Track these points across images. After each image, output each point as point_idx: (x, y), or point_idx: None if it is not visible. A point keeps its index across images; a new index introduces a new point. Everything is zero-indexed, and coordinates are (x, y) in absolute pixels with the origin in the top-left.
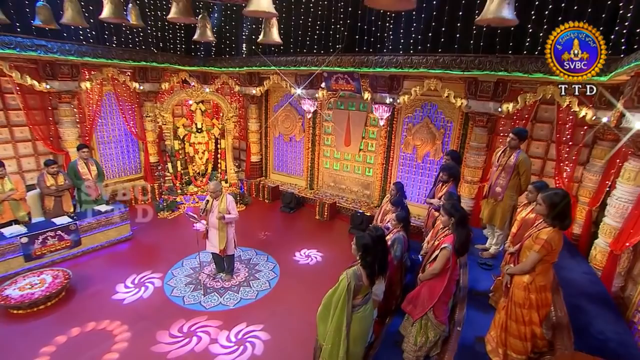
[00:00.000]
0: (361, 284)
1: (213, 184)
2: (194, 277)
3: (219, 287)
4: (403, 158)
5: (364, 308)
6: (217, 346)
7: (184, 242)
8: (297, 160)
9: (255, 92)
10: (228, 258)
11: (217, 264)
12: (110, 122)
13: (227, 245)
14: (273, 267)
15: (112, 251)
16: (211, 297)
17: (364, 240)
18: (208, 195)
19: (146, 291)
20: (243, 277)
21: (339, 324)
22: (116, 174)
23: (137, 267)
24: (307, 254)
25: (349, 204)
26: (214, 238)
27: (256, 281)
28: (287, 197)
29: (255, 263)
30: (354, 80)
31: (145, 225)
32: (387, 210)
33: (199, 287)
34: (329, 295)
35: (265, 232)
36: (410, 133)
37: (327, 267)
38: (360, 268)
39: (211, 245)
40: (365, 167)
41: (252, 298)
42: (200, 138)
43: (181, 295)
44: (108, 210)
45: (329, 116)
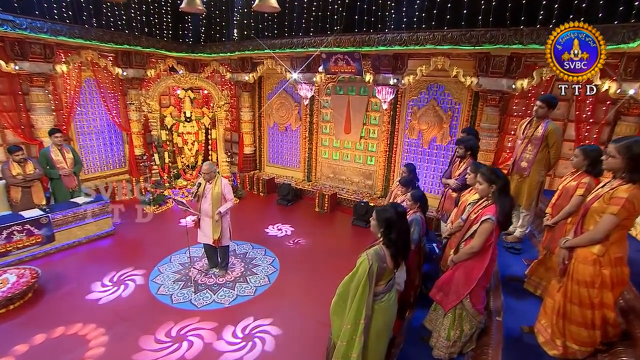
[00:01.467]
0: (385, 267)
1: (207, 164)
2: (183, 273)
3: (211, 283)
4: (408, 144)
5: (388, 296)
6: (222, 343)
7: (172, 237)
8: (294, 151)
9: (248, 79)
10: (222, 250)
11: (209, 258)
12: (91, 111)
13: (222, 234)
14: (272, 261)
15: (91, 248)
16: (203, 295)
17: (387, 213)
18: (200, 178)
19: (126, 289)
20: (239, 273)
21: (357, 316)
22: (98, 168)
23: (119, 264)
24: (307, 246)
25: (350, 196)
26: (207, 227)
27: (254, 276)
28: (283, 189)
29: (252, 257)
30: (354, 61)
31: (129, 220)
32: (397, 194)
33: (189, 284)
34: (346, 282)
35: (297, 239)
36: (416, 117)
37: (331, 260)
38: (383, 247)
39: (204, 236)
40: (367, 156)
41: (249, 295)
42: (189, 128)
43: (169, 294)
44: (86, 203)
45: (328, 102)
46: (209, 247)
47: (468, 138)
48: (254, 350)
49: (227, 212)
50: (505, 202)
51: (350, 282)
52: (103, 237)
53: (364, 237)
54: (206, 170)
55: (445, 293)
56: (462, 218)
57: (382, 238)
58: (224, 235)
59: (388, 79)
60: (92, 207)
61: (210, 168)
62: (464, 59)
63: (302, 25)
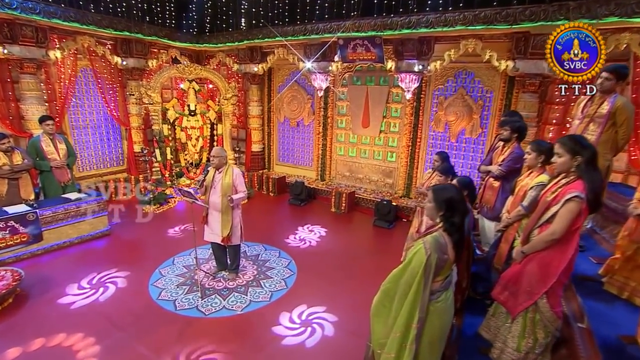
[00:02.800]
0: (446, 258)
1: (217, 149)
2: (188, 276)
3: (220, 288)
4: (433, 138)
5: (445, 295)
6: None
7: (175, 238)
8: (306, 148)
9: (257, 70)
10: (232, 251)
11: (217, 260)
12: (87, 103)
13: (232, 231)
14: (287, 263)
15: (84, 249)
16: (211, 301)
17: (448, 192)
18: (209, 166)
19: (105, 292)
20: (251, 276)
21: (409, 319)
22: (93, 165)
23: (113, 266)
24: (326, 248)
25: (369, 195)
26: (216, 223)
27: (268, 280)
28: (296, 188)
29: (265, 259)
30: (375, 47)
31: (127, 220)
32: (433, 183)
33: (194, 289)
34: (394, 277)
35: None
36: (442, 107)
37: (354, 263)
38: (444, 234)
39: (211, 233)
40: (387, 152)
41: (264, 300)
42: (193, 122)
43: (172, 299)
44: (80, 199)
45: (344, 94)
46: (217, 247)
47: (514, 119)
48: None
49: (239, 206)
50: (595, 177)
51: (400, 276)
52: (98, 237)
53: (387, 238)
54: (216, 154)
55: (513, 293)
56: (524, 205)
57: (442, 223)
58: (234, 232)
59: (412, 65)
60: (87, 203)
61: (221, 153)
62: (498, 41)
63: (316, 10)
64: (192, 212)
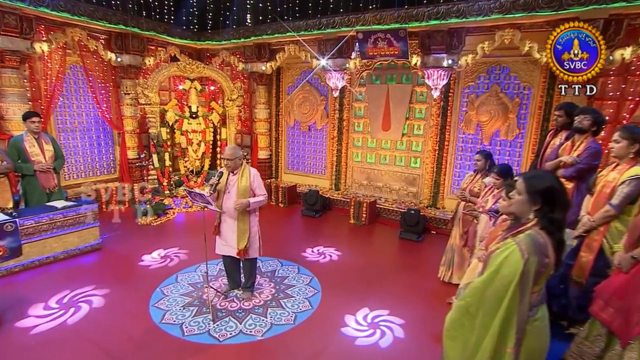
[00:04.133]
0: (547, 262)
1: (230, 147)
2: (195, 295)
3: (235, 309)
4: (463, 140)
5: (542, 311)
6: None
7: (177, 251)
8: (319, 154)
9: (265, 69)
10: (248, 265)
11: (230, 276)
12: (76, 103)
13: (250, 243)
14: (309, 280)
15: (70, 265)
16: (225, 324)
17: (546, 181)
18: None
19: (76, 313)
20: (269, 295)
21: (500, 341)
22: (82, 173)
23: (104, 284)
24: (350, 264)
25: (391, 205)
26: (230, 233)
27: (290, 300)
28: (310, 197)
29: (283, 276)
30: (398, 41)
31: (120, 233)
32: (480, 187)
33: (204, 310)
34: (476, 290)
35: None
36: (473, 107)
37: (384, 280)
38: (542, 232)
39: (224, 245)
40: (410, 157)
41: (288, 323)
42: (195, 125)
43: (178, 323)
44: (68, 207)
45: (362, 94)
46: (230, 261)
47: (595, 109)
48: None
49: (257, 214)
50: None
51: (485, 288)
52: (87, 252)
53: (416, 251)
54: (229, 155)
55: (621, 310)
56: (613, 204)
57: (539, 219)
58: (252, 244)
59: (441, 60)
60: (75, 212)
61: (235, 153)
62: (540, 30)
63: (331, 2)
64: (194, 221)
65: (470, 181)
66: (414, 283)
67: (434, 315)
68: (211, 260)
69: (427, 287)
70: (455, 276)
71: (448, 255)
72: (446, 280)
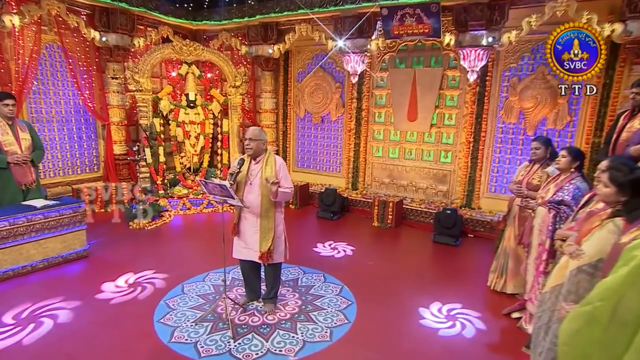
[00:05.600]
0: None
1: (253, 129)
2: (209, 309)
3: (257, 324)
4: (503, 131)
5: None
6: None
7: (178, 259)
8: (333, 149)
9: (272, 52)
10: (272, 272)
11: (248, 285)
12: (53, 89)
13: (275, 245)
14: (339, 290)
15: (51, 276)
16: (248, 342)
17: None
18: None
19: (38, 329)
20: (295, 307)
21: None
22: (59, 171)
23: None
24: (383, 271)
25: (419, 205)
26: (251, 233)
27: (321, 312)
28: (327, 198)
29: (308, 285)
30: (429, 17)
31: (110, 239)
32: (541, 179)
33: (220, 325)
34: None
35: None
36: (515, 92)
37: (424, 289)
38: None
39: (245, 247)
40: (440, 151)
41: (324, 340)
42: (193, 115)
43: (191, 341)
44: (49, 207)
45: (383, 80)
46: (249, 268)
47: None
48: None
49: (282, 210)
50: None
51: (625, 287)
52: (71, 259)
53: (455, 257)
54: (253, 135)
55: None
56: None
57: None
58: (277, 246)
59: (479, 37)
60: (58, 213)
61: (259, 135)
62: None
63: None
64: (193, 225)
65: (526, 172)
66: (460, 294)
67: (489, 329)
68: (216, 269)
69: (476, 298)
70: (510, 284)
71: (500, 260)
72: (498, 289)
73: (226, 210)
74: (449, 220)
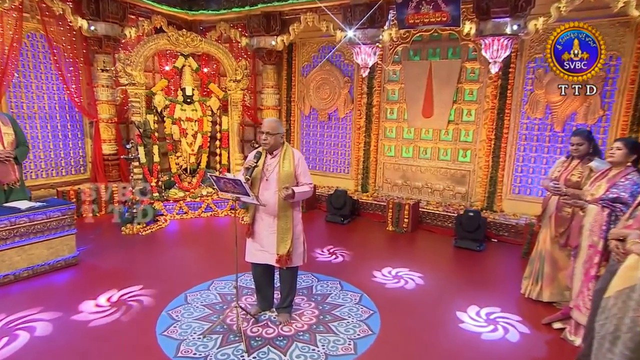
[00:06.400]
0: None
1: (269, 120)
2: (217, 320)
3: (272, 335)
4: (527, 127)
5: None
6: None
7: (178, 266)
8: (341, 149)
9: (275, 44)
10: (288, 276)
11: (261, 292)
12: (36, 82)
13: (293, 247)
14: (358, 298)
15: (36, 286)
16: (264, 356)
17: None
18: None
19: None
20: (312, 318)
21: None
22: (42, 172)
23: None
24: (409, 276)
25: (436, 208)
26: (267, 234)
27: (341, 323)
28: (337, 200)
29: (324, 293)
30: (448, 4)
31: (100, 245)
32: (581, 175)
33: (231, 337)
34: None
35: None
36: (541, 84)
37: (452, 298)
38: None
39: (260, 250)
40: (458, 149)
41: (348, 354)
42: (190, 112)
43: (201, 356)
44: (35, 209)
45: (396, 74)
46: (263, 272)
47: None
48: None
49: (298, 207)
50: None
51: None
52: (59, 267)
53: (480, 263)
54: (270, 127)
55: None
56: None
57: None
58: (295, 248)
59: (503, 25)
60: (45, 215)
61: (277, 128)
62: None
63: None
64: (191, 230)
65: (564, 168)
66: (492, 302)
67: (532, 343)
68: (221, 276)
69: (510, 307)
70: (546, 292)
71: (535, 265)
72: (533, 297)
73: (226, 214)
74: (471, 223)
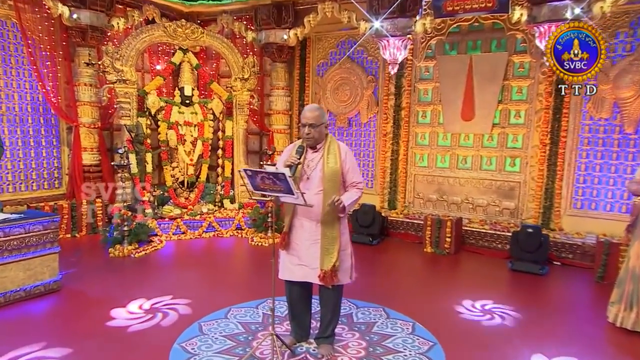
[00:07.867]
0: None
1: (313, 107)
2: (244, 354)
3: None
4: (590, 130)
5: None
6: None
7: (186, 291)
8: (364, 159)
9: (287, 38)
10: (331, 299)
11: (296, 319)
12: (5, 79)
13: (341, 261)
14: (411, 327)
15: (9, 317)
16: None
17: None
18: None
19: None
20: (361, 350)
21: None
22: (9, 186)
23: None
24: (474, 305)
25: (482, 227)
26: (308, 244)
27: (396, 356)
28: (364, 217)
29: (368, 322)
30: None
31: (86, 268)
32: None
33: None
34: None
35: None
36: (607, 79)
37: (525, 330)
38: None
39: (298, 264)
40: (506, 158)
41: None
42: (189, 115)
43: None
44: (10, 221)
45: (429, 71)
46: (301, 294)
47: None
48: None
49: (346, 216)
50: None
51: None
52: (37, 294)
53: (546, 289)
54: (313, 118)
55: None
56: None
57: None
58: (342, 261)
59: (561, 9)
60: (23, 229)
61: (320, 118)
62: None
63: None
64: (192, 252)
65: None
66: (575, 334)
67: None
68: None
69: (599, 339)
70: None
71: (626, 287)
72: (628, 326)
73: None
74: (531, 242)
